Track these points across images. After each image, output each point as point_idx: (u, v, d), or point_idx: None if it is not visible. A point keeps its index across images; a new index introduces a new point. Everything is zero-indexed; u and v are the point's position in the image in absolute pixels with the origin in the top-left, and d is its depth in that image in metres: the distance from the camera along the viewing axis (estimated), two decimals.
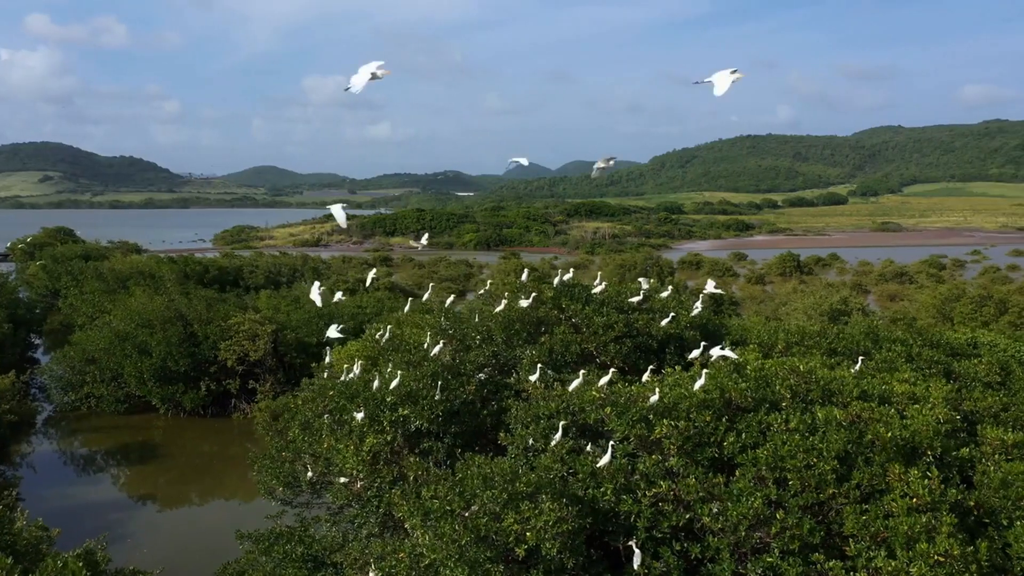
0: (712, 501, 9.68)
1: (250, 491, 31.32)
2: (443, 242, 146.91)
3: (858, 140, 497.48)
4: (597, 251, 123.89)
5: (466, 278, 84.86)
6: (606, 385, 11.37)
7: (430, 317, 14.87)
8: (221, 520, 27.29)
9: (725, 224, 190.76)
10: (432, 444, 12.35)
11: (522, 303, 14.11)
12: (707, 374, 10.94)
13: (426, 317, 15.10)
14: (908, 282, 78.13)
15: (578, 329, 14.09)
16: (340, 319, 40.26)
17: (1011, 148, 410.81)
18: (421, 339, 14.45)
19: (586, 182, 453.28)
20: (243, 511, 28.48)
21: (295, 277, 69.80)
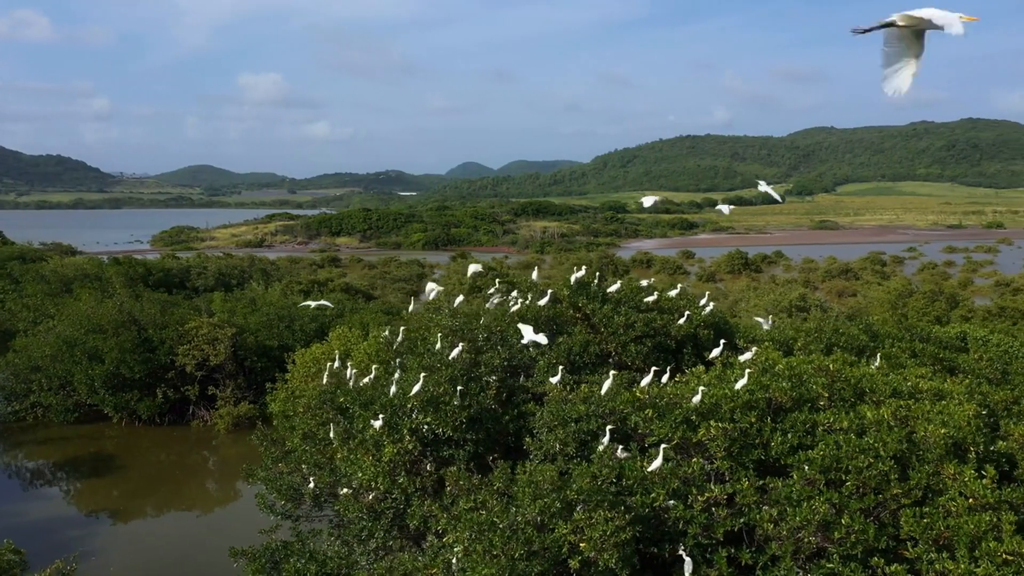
0: (769, 505, 9.30)
1: (209, 501, 30.11)
2: (391, 242, 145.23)
3: (793, 141, 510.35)
4: (547, 250, 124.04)
5: (419, 278, 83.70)
6: (646, 386, 10.90)
7: (440, 317, 14.18)
8: (184, 532, 26.13)
9: (670, 223, 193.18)
10: (453, 452, 11.70)
11: (540, 302, 13.56)
12: (748, 373, 10.57)
13: (435, 317, 14.41)
14: (854, 278, 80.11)
15: (595, 329, 13.61)
16: (301, 321, 39.21)
17: (937, 149, 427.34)
18: (431, 340, 13.76)
19: (529, 182, 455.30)
20: (204, 522, 27.38)
21: (244, 279, 67.87)
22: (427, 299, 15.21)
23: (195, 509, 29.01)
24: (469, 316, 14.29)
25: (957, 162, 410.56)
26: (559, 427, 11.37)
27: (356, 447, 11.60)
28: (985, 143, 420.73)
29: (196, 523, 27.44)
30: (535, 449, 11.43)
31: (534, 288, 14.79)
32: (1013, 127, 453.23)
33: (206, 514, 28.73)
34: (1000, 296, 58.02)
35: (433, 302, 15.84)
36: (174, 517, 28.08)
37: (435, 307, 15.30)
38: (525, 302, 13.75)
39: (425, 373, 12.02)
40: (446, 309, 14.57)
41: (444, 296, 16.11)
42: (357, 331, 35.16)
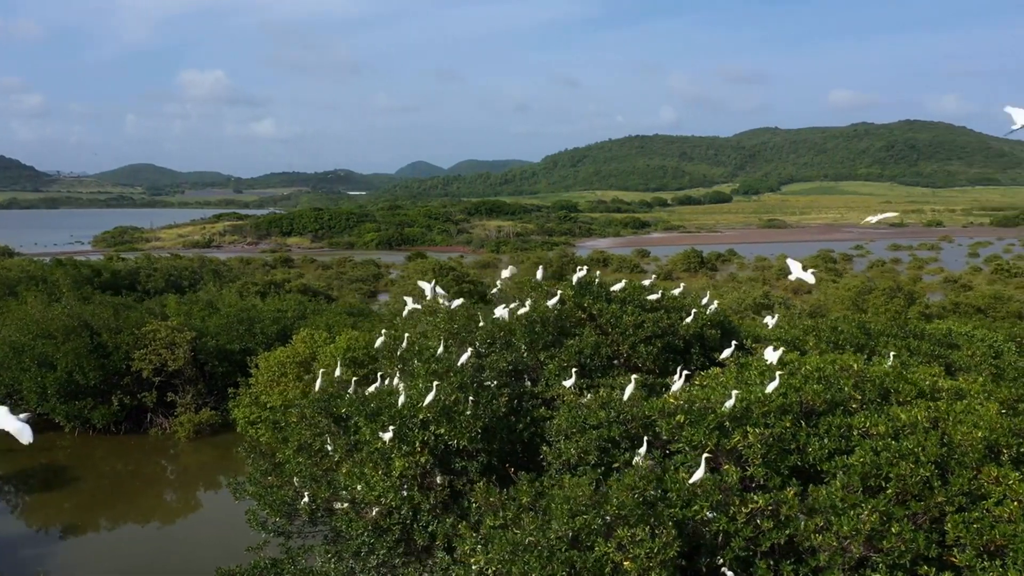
0: (812, 514, 8.86)
1: (169, 512, 28.80)
2: (343, 242, 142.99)
3: (739, 141, 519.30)
4: (503, 249, 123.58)
5: (375, 279, 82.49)
6: (679, 391, 10.38)
7: (438, 320, 13.47)
8: (143, 545, 25.01)
9: (623, 222, 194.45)
10: (465, 463, 11.02)
11: (550, 302, 12.95)
12: (780, 375, 10.12)
13: (433, 320, 13.68)
14: None
15: (603, 330, 13.06)
16: (262, 323, 37.98)
17: (877, 149, 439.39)
18: (432, 345, 13.04)
19: (480, 181, 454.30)
20: (164, 534, 26.23)
21: (196, 280, 65.81)
22: (405, 313, 14.38)
23: (154, 521, 27.78)
24: (468, 319, 13.60)
25: (896, 162, 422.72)
26: (577, 435, 10.80)
27: (364, 460, 10.83)
28: (922, 144, 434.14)
29: (155, 535, 26.27)
30: (552, 458, 10.83)
31: (538, 288, 14.18)
32: (948, 129, 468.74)
33: (166, 525, 27.53)
34: (954, 292, 59.44)
35: (428, 305, 15.10)
36: (131, 530, 26.80)
37: (431, 310, 14.57)
38: (533, 304, 13.11)
39: (437, 381, 11.33)
40: (442, 312, 13.84)
41: (429, 303, 15.31)
42: (322, 333, 34.17)
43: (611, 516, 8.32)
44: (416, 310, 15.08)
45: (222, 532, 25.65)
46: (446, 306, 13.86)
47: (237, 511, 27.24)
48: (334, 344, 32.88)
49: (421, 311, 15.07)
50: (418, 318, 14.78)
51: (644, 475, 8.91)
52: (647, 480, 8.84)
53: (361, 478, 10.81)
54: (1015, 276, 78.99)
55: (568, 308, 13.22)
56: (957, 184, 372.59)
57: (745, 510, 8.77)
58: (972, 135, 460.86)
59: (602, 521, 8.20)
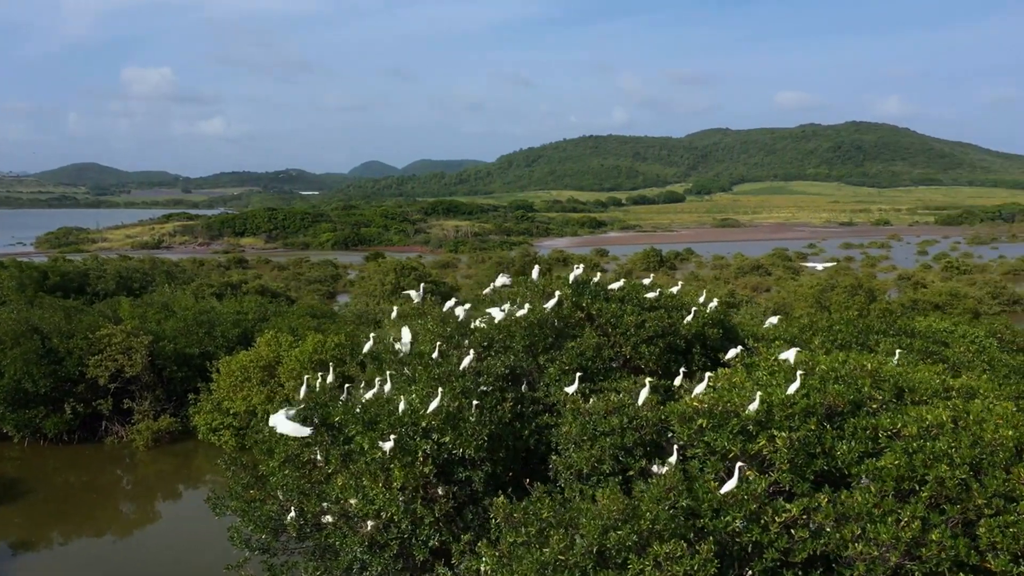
0: (847, 522, 8.43)
1: (125, 524, 27.49)
2: (298, 242, 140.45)
3: (691, 141, 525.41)
4: (461, 249, 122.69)
5: (334, 279, 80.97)
6: (699, 395, 9.86)
7: (429, 322, 12.77)
8: (98, 561, 23.79)
9: (580, 221, 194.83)
10: (469, 473, 10.36)
11: (549, 304, 12.35)
12: (802, 376, 9.69)
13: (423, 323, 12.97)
14: (766, 274, 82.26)
15: (603, 330, 12.52)
16: (222, 326, 36.70)
17: (824, 150, 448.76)
18: (425, 349, 12.33)
19: (435, 181, 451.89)
20: (119, 548, 25.02)
21: (147, 282, 63.62)
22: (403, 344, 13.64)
23: (109, 534, 26.53)
24: (462, 322, 12.93)
25: (843, 163, 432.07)
26: (587, 442, 10.24)
27: (362, 472, 10.11)
28: (868, 145, 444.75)
29: (112, 549, 25.08)
30: (562, 468, 10.25)
31: (534, 288, 13.58)
32: (892, 130, 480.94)
33: (122, 538, 26.31)
34: (911, 288, 60.50)
35: (415, 308, 14.37)
36: (86, 544, 25.52)
37: (420, 312, 13.85)
38: (530, 305, 12.50)
39: (428, 387, 10.65)
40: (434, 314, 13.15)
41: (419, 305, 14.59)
42: (287, 336, 33.13)
43: (645, 531, 7.76)
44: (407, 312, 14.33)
45: (183, 544, 24.53)
46: (448, 309, 13.18)
47: (199, 522, 26.06)
48: (300, 347, 31.88)
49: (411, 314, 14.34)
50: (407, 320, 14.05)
51: (673, 485, 8.37)
52: (677, 491, 8.31)
53: (358, 491, 10.09)
54: (965, 273, 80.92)
55: (566, 308, 12.64)
56: (901, 184, 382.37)
57: (779, 519, 8.30)
58: (915, 136, 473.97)
59: (637, 537, 7.64)
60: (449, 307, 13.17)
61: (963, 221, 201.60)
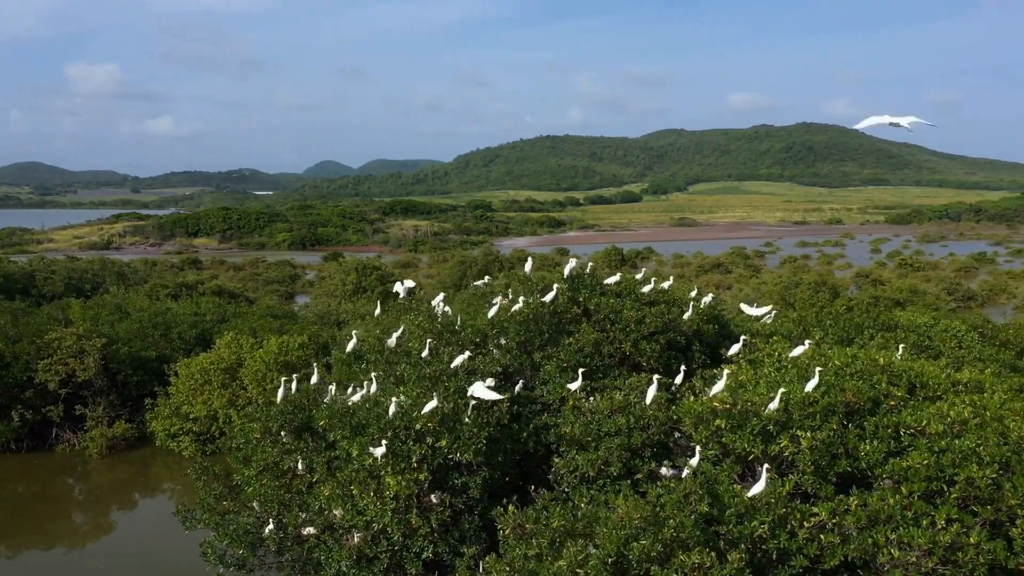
0: (876, 526, 7.93)
1: (78, 535, 26.15)
2: (254, 242, 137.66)
3: (646, 142, 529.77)
4: (421, 249, 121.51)
5: (292, 280, 79.26)
6: (717, 394, 9.28)
7: (418, 318, 12.01)
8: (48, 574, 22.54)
9: (539, 221, 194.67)
10: (466, 480, 9.65)
11: (546, 297, 11.70)
12: (820, 372, 9.19)
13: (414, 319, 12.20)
14: (726, 272, 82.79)
15: (600, 326, 11.92)
16: (179, 327, 35.39)
17: (777, 151, 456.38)
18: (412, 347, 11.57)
19: (392, 180, 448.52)
20: (71, 561, 23.79)
21: (98, 283, 61.39)
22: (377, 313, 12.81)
23: (60, 546, 25.22)
24: (450, 318, 12.21)
25: (795, 163, 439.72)
26: (592, 444, 9.62)
27: (350, 480, 9.33)
28: (819, 146, 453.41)
29: (64, 562, 23.87)
30: (565, 472, 9.61)
31: (528, 283, 12.92)
32: (841, 131, 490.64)
33: (74, 550, 25.08)
34: (870, 285, 61.25)
35: (400, 303, 13.57)
36: (35, 558, 24.23)
37: (407, 308, 13.07)
38: (528, 300, 11.84)
39: (419, 388, 9.91)
40: (422, 310, 12.39)
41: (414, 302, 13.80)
42: (248, 338, 32.05)
43: (668, 539, 7.15)
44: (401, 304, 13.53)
45: (140, 556, 23.34)
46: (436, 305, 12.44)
47: (158, 533, 24.86)
48: (263, 348, 30.81)
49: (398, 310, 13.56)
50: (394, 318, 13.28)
51: (694, 489, 7.78)
52: (698, 495, 7.72)
53: (346, 500, 9.31)
54: (919, 270, 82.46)
55: (562, 303, 12.01)
56: (851, 184, 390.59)
57: (808, 524, 7.76)
58: (864, 138, 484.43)
59: (662, 546, 7.02)
60: (438, 301, 12.45)
61: (912, 220, 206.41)
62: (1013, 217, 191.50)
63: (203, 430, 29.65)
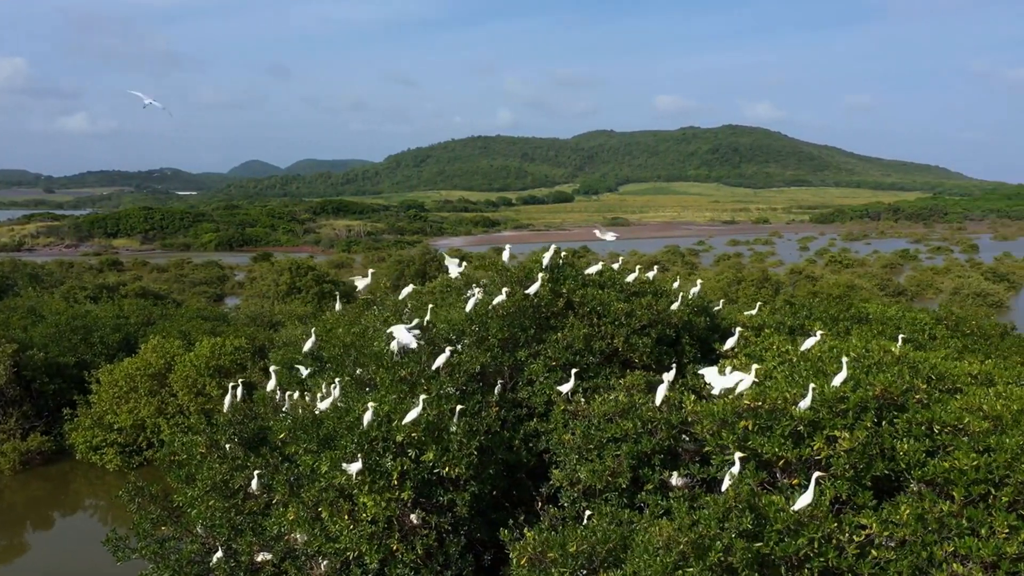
0: (930, 535, 7.03)
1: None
2: (178, 243, 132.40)
3: (577, 143, 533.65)
4: (354, 249, 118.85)
5: (221, 281, 76.07)
6: (743, 392, 8.25)
7: (383, 313, 10.69)
8: None
9: (473, 221, 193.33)
10: (452, 496, 8.41)
11: (531, 289, 10.55)
12: (847, 363, 8.29)
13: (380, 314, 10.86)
14: (664, 270, 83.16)
15: (589, 320, 10.82)
16: (101, 331, 32.98)
17: (704, 152, 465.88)
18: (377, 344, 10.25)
19: (321, 181, 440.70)
20: None
21: (8, 285, 57.45)
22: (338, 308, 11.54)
23: None
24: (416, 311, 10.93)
25: (721, 164, 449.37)
26: (595, 452, 8.51)
27: (318, 501, 7.98)
28: (744, 147, 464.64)
29: None
30: (565, 484, 8.48)
31: (505, 273, 11.73)
32: (765, 134, 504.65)
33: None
34: (806, 281, 62.06)
35: (363, 294, 12.22)
36: None
37: (371, 301, 11.72)
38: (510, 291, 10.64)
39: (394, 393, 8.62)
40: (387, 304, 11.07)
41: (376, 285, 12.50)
42: (177, 341, 30.00)
43: (715, 565, 6.09)
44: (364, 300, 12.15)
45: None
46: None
47: (76, 553, 22.76)
48: (194, 352, 28.84)
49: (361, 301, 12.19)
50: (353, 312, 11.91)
51: (734, 503, 6.73)
52: (738, 510, 6.68)
53: (314, 524, 7.97)
54: (848, 267, 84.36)
55: (544, 295, 10.87)
56: (775, 185, 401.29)
57: (857, 539, 6.81)
58: (786, 140, 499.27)
59: (711, 573, 5.95)
60: (406, 294, 11.15)
61: (835, 219, 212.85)
62: (928, 216, 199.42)
63: (129, 441, 27.58)
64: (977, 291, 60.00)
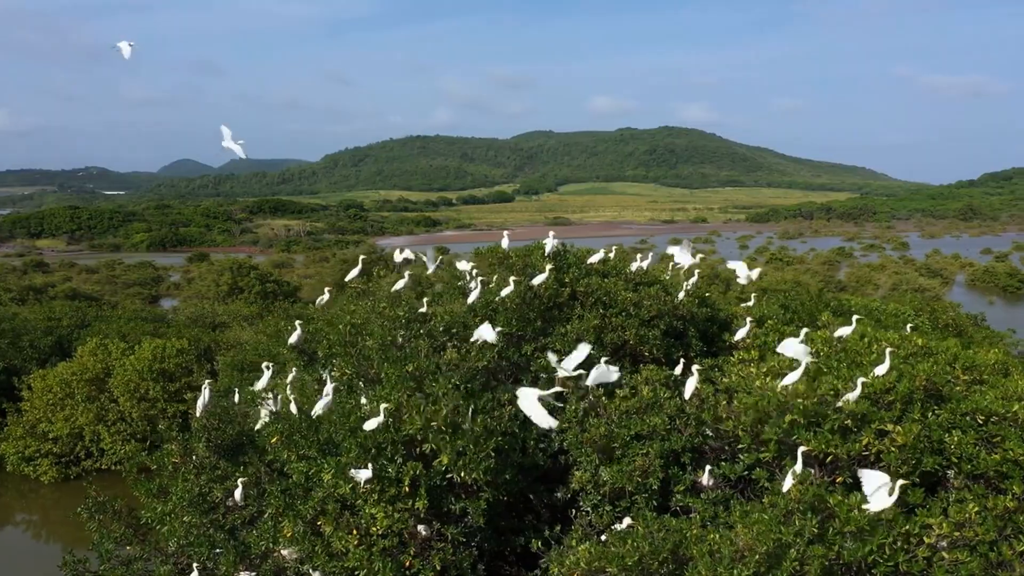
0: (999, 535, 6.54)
1: None
2: (108, 244, 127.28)
3: (516, 143, 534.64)
4: (294, 249, 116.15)
5: (155, 282, 73.17)
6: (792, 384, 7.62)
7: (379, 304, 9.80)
8: None
9: (414, 220, 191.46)
10: (464, 504, 7.60)
11: (536, 280, 9.82)
12: (890, 353, 7.79)
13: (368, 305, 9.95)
14: None
15: (594, 311, 10.13)
16: (31, 334, 31.06)
17: (641, 153, 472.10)
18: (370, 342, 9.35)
19: (256, 180, 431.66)
20: None
21: None
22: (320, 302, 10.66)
23: None
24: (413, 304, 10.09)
25: (658, 165, 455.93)
26: (619, 451, 7.82)
27: (319, 515, 7.07)
28: (680, 148, 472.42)
29: None
30: (589, 488, 7.76)
31: (505, 262, 10.97)
32: (700, 135, 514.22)
33: None
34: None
35: (356, 287, 11.28)
36: None
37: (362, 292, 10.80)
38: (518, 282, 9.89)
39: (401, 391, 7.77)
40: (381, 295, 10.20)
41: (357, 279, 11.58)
42: (117, 343, 28.38)
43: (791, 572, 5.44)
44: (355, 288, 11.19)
45: None
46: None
47: (7, 572, 21.07)
48: (135, 355, 27.28)
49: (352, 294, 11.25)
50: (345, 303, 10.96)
51: (799, 506, 6.10)
52: (801, 512, 6.06)
53: (315, 541, 7.06)
54: (788, 264, 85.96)
55: (549, 285, 10.15)
56: (710, 185, 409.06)
57: (929, 540, 6.27)
58: (720, 141, 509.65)
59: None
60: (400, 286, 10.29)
61: (770, 218, 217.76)
62: (859, 215, 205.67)
63: (66, 451, 25.93)
64: (915, 286, 61.58)
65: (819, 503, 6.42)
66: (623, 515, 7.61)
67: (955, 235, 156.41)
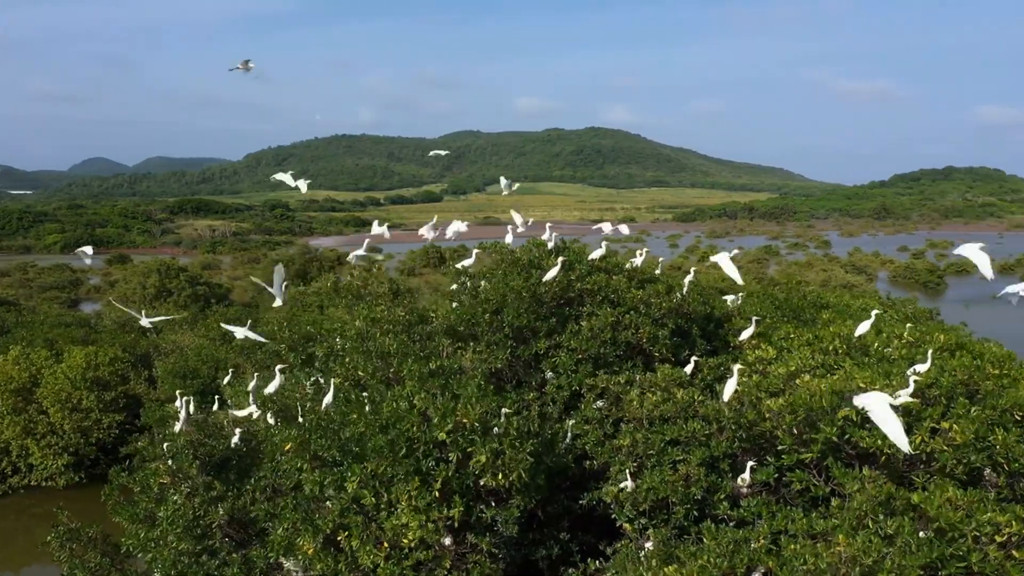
0: None
1: None
2: (17, 246, 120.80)
3: (444, 143, 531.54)
4: (220, 250, 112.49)
5: (74, 285, 69.69)
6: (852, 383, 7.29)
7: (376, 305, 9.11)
8: None
9: (344, 220, 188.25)
10: (495, 512, 7.02)
11: (548, 275, 9.29)
12: (931, 353, 7.57)
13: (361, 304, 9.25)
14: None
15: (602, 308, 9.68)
16: None
17: (568, 153, 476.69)
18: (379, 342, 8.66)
19: (175, 180, 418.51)
20: None
21: None
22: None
23: None
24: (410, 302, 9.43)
25: (585, 165, 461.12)
26: (654, 458, 7.37)
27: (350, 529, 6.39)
28: (606, 149, 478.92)
29: None
30: (623, 500, 7.29)
31: (504, 252, 10.41)
32: (626, 136, 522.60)
33: None
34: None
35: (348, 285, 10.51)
36: None
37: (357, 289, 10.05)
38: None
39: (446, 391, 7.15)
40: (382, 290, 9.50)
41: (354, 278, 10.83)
42: (43, 351, 26.66)
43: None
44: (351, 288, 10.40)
45: None
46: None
47: None
48: (65, 363, 25.63)
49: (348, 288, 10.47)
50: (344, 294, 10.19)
51: (871, 511, 5.75)
52: (875, 516, 5.71)
53: (337, 557, 6.38)
54: None
55: (561, 280, 9.65)
56: (636, 185, 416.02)
57: (1000, 538, 6.02)
58: (645, 142, 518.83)
59: None
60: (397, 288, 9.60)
61: (696, 218, 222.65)
62: (780, 215, 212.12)
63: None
64: (843, 283, 63.43)
65: (891, 502, 6.11)
66: (660, 527, 7.17)
67: (872, 233, 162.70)
